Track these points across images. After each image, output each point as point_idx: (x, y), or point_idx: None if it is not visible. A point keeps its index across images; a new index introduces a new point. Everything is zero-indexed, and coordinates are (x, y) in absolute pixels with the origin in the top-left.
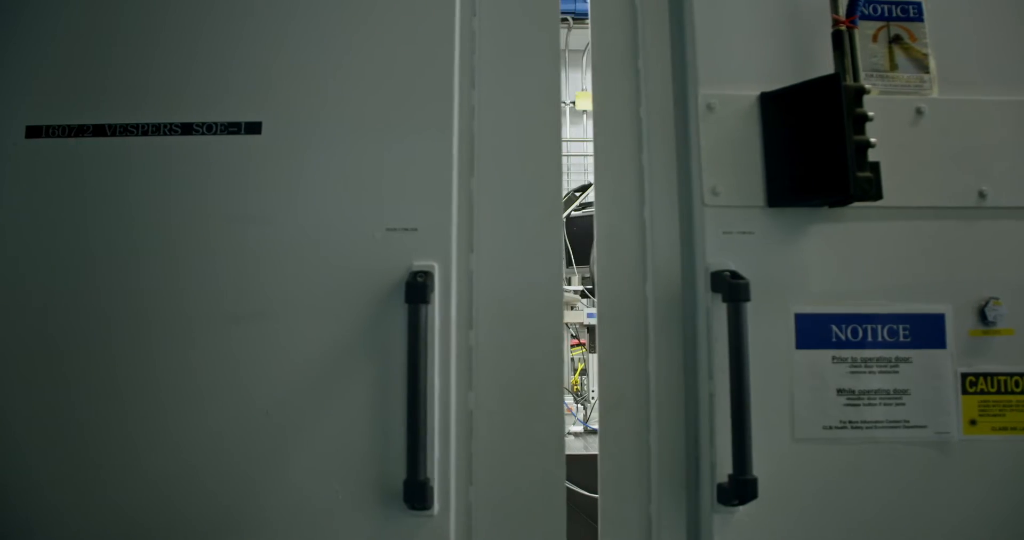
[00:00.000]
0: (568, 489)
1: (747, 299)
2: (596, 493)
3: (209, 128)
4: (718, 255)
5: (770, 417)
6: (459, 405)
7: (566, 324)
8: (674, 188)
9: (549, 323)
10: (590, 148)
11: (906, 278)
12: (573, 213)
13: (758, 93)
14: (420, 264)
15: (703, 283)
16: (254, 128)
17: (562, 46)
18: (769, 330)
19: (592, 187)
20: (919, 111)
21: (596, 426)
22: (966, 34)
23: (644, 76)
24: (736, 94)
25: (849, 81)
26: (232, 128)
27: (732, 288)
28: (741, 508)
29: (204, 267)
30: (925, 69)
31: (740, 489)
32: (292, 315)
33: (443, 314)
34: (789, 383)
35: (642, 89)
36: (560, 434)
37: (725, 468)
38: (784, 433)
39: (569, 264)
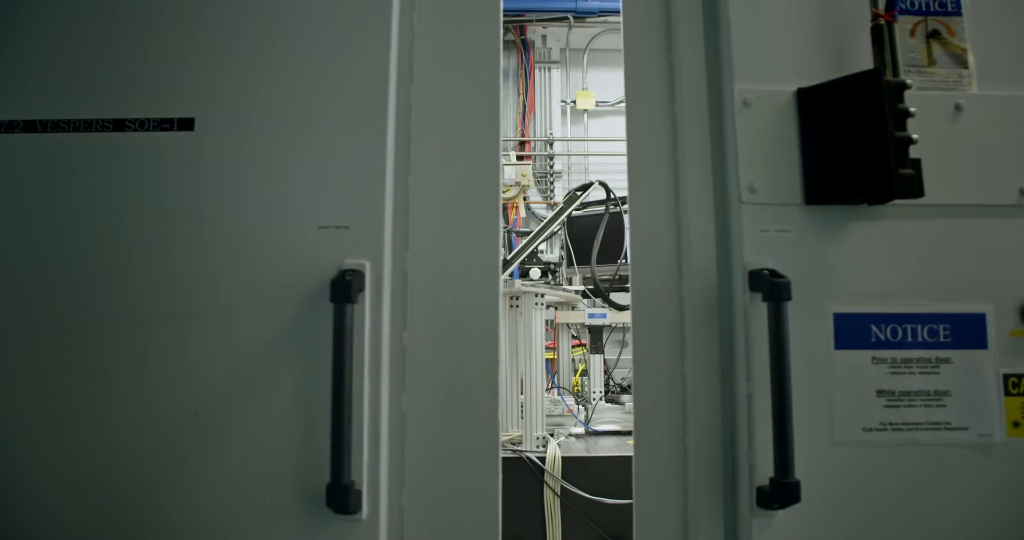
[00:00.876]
0: (572, 493)
1: (788, 298)
2: (598, 496)
3: (141, 124)
4: (755, 253)
5: (809, 419)
6: (392, 407)
7: (567, 325)
8: (709, 185)
9: (485, 324)
10: (591, 147)
11: (946, 277)
12: (574, 213)
13: (795, 89)
14: (351, 263)
15: (740, 282)
16: (187, 124)
17: (562, 45)
18: (807, 330)
19: (592, 186)
20: (958, 107)
21: (597, 428)
22: (1005, 29)
23: (678, 71)
24: (773, 90)
25: (889, 76)
26: (165, 124)
27: (773, 287)
28: (781, 512)
29: (133, 266)
30: (964, 64)
31: (782, 492)
32: (221, 315)
33: (374, 314)
34: (828, 384)
35: (676, 84)
36: (494, 437)
37: (764, 471)
38: (823, 435)
39: (570, 264)
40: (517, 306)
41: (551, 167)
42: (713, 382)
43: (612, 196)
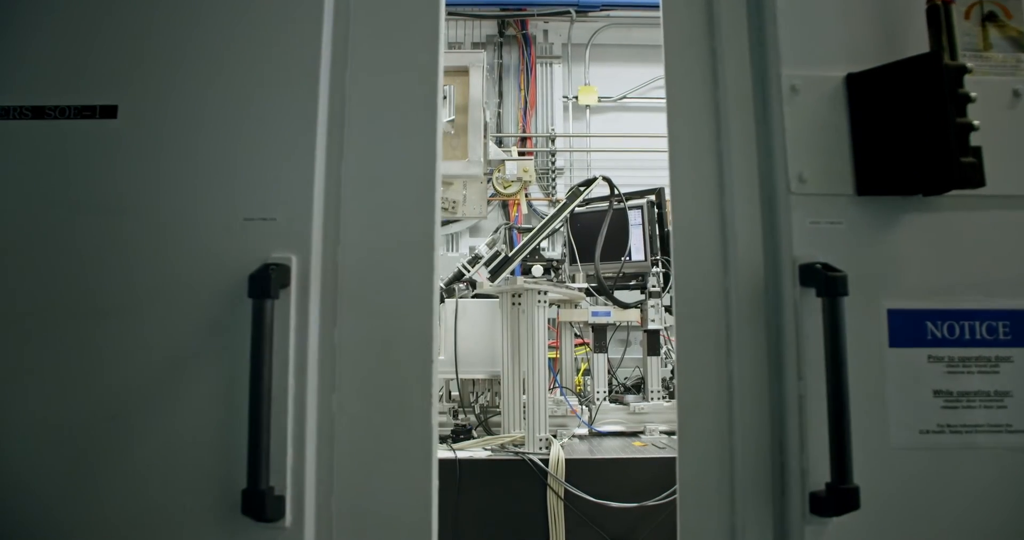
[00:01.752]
0: (576, 496)
1: (845, 293)
2: (603, 499)
3: (62, 112)
4: (805, 247)
5: (862, 421)
6: (321, 408)
7: (570, 323)
8: (755, 176)
9: (419, 320)
10: (593, 143)
11: (1006, 271)
12: (576, 209)
13: (845, 74)
14: (277, 256)
15: (789, 276)
16: (109, 112)
17: (564, 40)
18: (860, 327)
19: (595, 182)
20: (1016, 93)
21: (601, 429)
22: None
23: (720, 57)
24: (821, 75)
25: (948, 59)
26: (86, 112)
27: (829, 281)
28: (835, 519)
29: (50, 260)
30: (1022, 48)
31: (840, 498)
32: (138, 312)
33: (301, 310)
34: (881, 384)
35: (718, 71)
36: (428, 439)
37: (817, 476)
38: (877, 438)
39: (573, 261)
40: (519, 304)
41: (553, 163)
42: (760, 381)
43: (616, 192)
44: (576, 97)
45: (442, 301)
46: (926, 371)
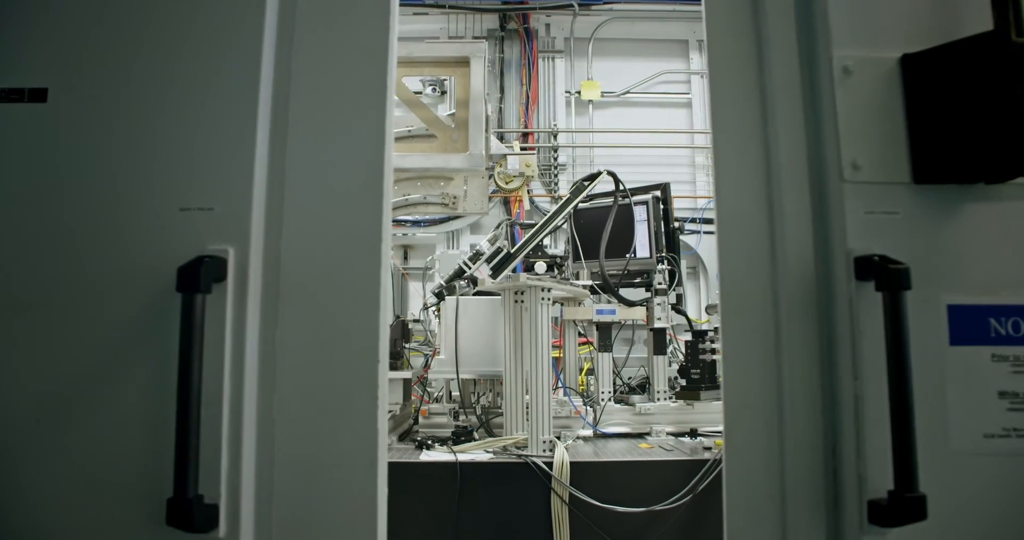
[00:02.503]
0: (581, 501)
1: (908, 287)
2: (610, 504)
3: None
4: (861, 238)
5: (921, 424)
6: (261, 410)
7: (574, 321)
8: (804, 164)
9: (365, 318)
10: (596, 139)
11: None
12: (581, 205)
13: (900, 55)
14: (214, 248)
15: (843, 269)
16: (38, 95)
17: (566, 34)
18: (918, 324)
19: (600, 177)
20: None
21: (606, 430)
22: None
23: (766, 38)
24: (875, 56)
25: (1015, 37)
26: (14, 95)
27: (891, 275)
28: (895, 529)
29: None
30: None
31: (904, 508)
32: (66, 307)
33: (238, 305)
34: (942, 385)
35: (764, 53)
36: (374, 444)
37: (876, 482)
38: (938, 442)
39: (577, 258)
40: (522, 301)
41: (555, 159)
42: (812, 381)
43: (621, 187)
44: (579, 92)
45: (442, 299)
46: (990, 371)
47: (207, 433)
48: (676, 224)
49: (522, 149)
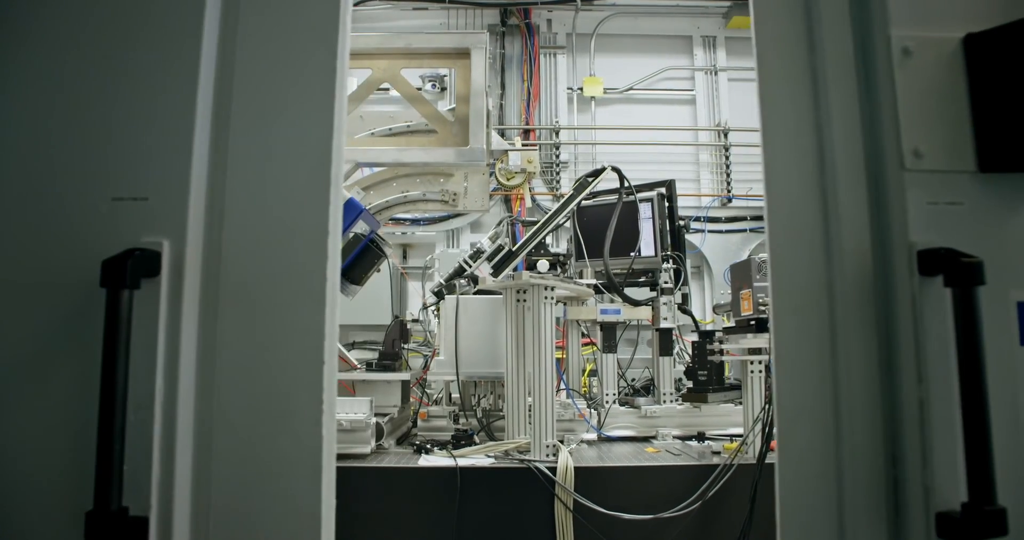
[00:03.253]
0: (586, 507)
1: (981, 282)
2: (616, 511)
3: None
4: (924, 230)
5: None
6: (198, 416)
7: (577, 321)
8: (860, 151)
9: (310, 316)
10: (599, 136)
11: None
12: (583, 203)
13: (963, 34)
14: (148, 241)
15: (905, 264)
16: None
17: (568, 30)
18: (985, 323)
19: (604, 173)
20: None
21: (611, 434)
22: None
23: (817, 17)
24: (937, 36)
25: None
26: None
27: (962, 269)
28: None
29: None
30: None
31: (982, 522)
32: None
33: (173, 302)
34: (1012, 387)
35: (816, 33)
36: (317, 452)
37: (945, 493)
38: (1010, 450)
39: (580, 257)
40: (524, 300)
41: (557, 157)
42: (871, 384)
43: (626, 183)
44: (581, 89)
45: (442, 298)
46: None
47: (136, 440)
48: (681, 222)
49: (524, 146)
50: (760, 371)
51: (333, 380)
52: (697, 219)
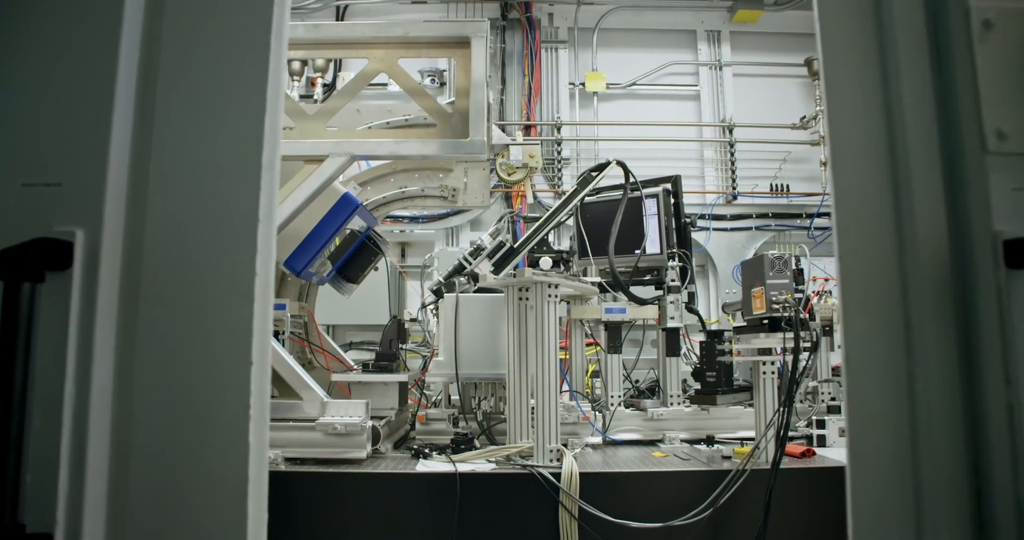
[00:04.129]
0: (592, 515)
1: None
2: (623, 518)
3: None
4: (1010, 218)
5: None
6: (116, 422)
7: (581, 321)
8: (934, 133)
9: (238, 313)
10: (601, 132)
11: None
12: (587, 199)
13: None
14: (60, 230)
15: (988, 255)
16: None
17: (570, 24)
18: None
19: (609, 167)
20: None
21: (616, 437)
22: None
23: None
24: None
25: None
26: None
27: None
28: None
29: None
30: None
31: None
32: None
33: (86, 297)
34: None
35: (885, 6)
36: (243, 462)
37: None
38: None
39: (584, 255)
40: (526, 299)
41: (559, 153)
42: (950, 387)
43: (632, 178)
44: (583, 84)
45: (441, 296)
46: None
47: (41, 448)
48: (687, 219)
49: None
50: (773, 372)
51: (264, 383)
52: (702, 217)
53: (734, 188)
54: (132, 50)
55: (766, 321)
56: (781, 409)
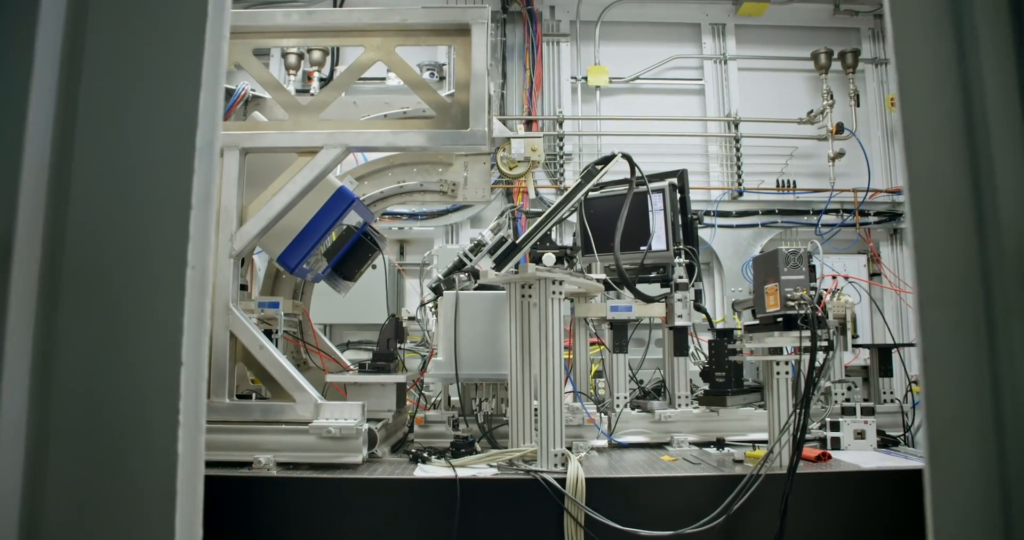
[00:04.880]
0: (599, 523)
1: None
2: (631, 526)
3: None
4: None
5: None
6: (31, 429)
7: (585, 319)
8: (1017, 109)
9: (165, 308)
10: (604, 127)
11: None
12: (591, 193)
13: None
14: None
15: None
16: None
17: (572, 17)
18: None
19: (614, 160)
20: None
21: (622, 440)
22: None
23: None
24: None
25: None
26: None
27: None
28: None
29: None
30: None
31: None
32: None
33: None
34: None
35: None
36: (170, 473)
37: None
38: None
39: (588, 251)
40: (530, 296)
41: (561, 149)
42: None
43: (638, 173)
44: (585, 78)
45: (440, 294)
46: None
47: None
48: (693, 215)
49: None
50: (787, 372)
51: (198, 385)
52: (707, 213)
53: (740, 184)
54: (55, 15)
55: (780, 319)
56: (797, 411)
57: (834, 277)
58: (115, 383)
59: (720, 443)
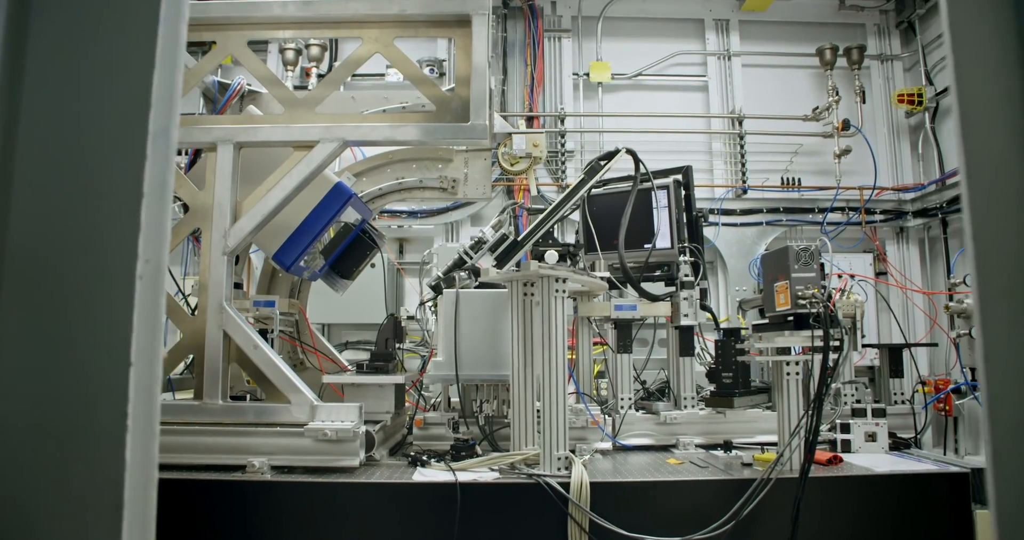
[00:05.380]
0: (604, 528)
1: None
2: (638, 532)
3: None
4: None
5: None
6: None
7: (589, 319)
8: None
9: (112, 303)
10: (606, 124)
11: None
12: (593, 191)
13: None
14: None
15: None
16: None
17: (574, 13)
18: None
19: (618, 155)
20: None
21: (627, 442)
22: None
23: None
24: None
25: None
26: None
27: None
28: None
29: None
30: None
31: None
32: None
33: None
34: None
35: None
36: (117, 483)
37: None
38: None
39: (591, 249)
40: (532, 294)
41: (562, 146)
42: None
43: (644, 169)
44: (587, 74)
45: (440, 292)
46: None
47: None
48: (698, 212)
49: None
50: (797, 373)
51: (151, 386)
52: (711, 211)
53: (744, 182)
54: None
55: (791, 318)
56: (809, 412)
57: (840, 276)
58: (57, 384)
59: (728, 445)
